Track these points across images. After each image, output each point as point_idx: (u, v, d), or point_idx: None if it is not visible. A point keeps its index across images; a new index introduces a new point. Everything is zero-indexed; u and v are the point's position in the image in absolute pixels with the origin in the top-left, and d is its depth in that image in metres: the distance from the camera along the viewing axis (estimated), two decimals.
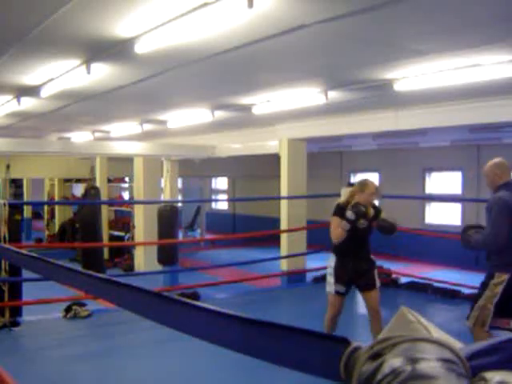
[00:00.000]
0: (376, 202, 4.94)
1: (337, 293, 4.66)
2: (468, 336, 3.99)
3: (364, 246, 4.74)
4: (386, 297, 4.76)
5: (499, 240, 3.93)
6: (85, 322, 6.34)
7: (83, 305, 6.59)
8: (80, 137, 11.31)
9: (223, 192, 16.81)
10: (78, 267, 3.55)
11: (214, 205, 17.16)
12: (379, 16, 3.46)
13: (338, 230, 4.56)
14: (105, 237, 10.77)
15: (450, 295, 7.47)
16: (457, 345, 0.84)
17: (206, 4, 3.16)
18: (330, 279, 4.70)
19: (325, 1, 3.21)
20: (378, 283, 4.68)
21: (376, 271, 4.74)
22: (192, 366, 4.89)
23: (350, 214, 4.49)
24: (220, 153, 10.76)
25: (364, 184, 4.68)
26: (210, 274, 9.50)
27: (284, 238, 8.87)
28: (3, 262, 5.84)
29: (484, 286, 4.06)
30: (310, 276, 8.80)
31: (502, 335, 0.94)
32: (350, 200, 4.65)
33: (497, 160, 4.17)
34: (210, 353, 3.07)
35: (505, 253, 3.94)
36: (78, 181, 13.97)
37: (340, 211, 4.62)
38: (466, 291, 7.33)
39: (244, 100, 6.92)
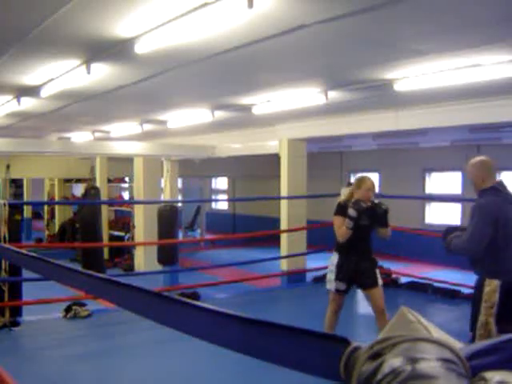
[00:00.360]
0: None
1: (337, 291, 4.69)
2: (468, 336, 3.99)
3: (366, 244, 4.77)
4: (386, 297, 4.77)
5: (476, 248, 3.69)
6: (85, 322, 6.34)
7: (83, 305, 6.59)
8: (80, 137, 11.31)
9: (223, 192, 16.81)
10: (78, 267, 3.55)
11: (213, 205, 17.16)
12: (379, 16, 3.46)
13: (342, 228, 4.60)
14: (105, 237, 10.76)
15: (450, 295, 7.47)
16: (457, 345, 0.84)
17: (205, 4, 3.16)
18: (331, 276, 4.76)
19: (325, 1, 3.21)
20: (380, 281, 4.70)
21: (378, 269, 4.76)
22: (192, 365, 4.89)
23: (351, 211, 4.53)
24: (220, 153, 10.76)
25: (361, 180, 4.75)
26: (210, 273, 9.50)
27: (284, 238, 8.87)
28: (3, 261, 5.84)
29: (477, 297, 3.77)
30: (310, 276, 8.80)
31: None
32: (350, 198, 4.69)
33: (478, 160, 3.88)
34: (210, 353, 3.07)
35: (493, 260, 3.71)
36: (78, 181, 13.96)
37: (342, 210, 4.67)
38: (466, 291, 7.32)
39: (244, 100, 6.92)
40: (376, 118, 7.56)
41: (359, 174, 13.54)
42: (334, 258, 4.79)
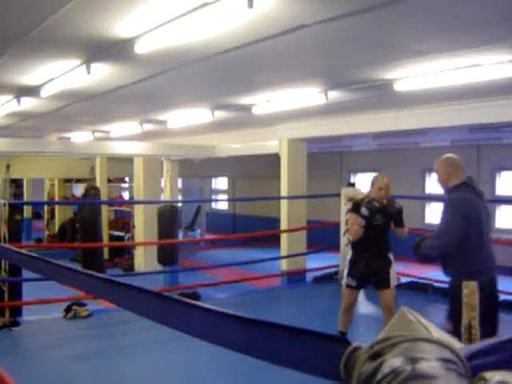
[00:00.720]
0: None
1: (348, 286, 4.75)
2: None
3: (380, 243, 4.79)
4: None
5: (452, 241, 3.58)
6: (85, 322, 6.34)
7: (83, 305, 6.58)
8: (80, 137, 11.31)
9: (223, 192, 16.81)
10: (78, 267, 3.55)
11: (213, 205, 17.15)
12: (379, 16, 3.46)
13: (354, 226, 4.65)
14: (105, 237, 10.76)
15: None
16: (457, 345, 0.84)
17: (205, 4, 3.16)
18: (345, 272, 4.90)
19: (325, 1, 3.21)
20: (393, 282, 4.73)
21: (392, 270, 4.77)
22: (192, 365, 4.89)
23: (363, 210, 4.60)
24: (220, 153, 10.76)
25: (374, 179, 4.81)
26: (210, 273, 9.50)
27: (284, 238, 8.87)
28: (3, 261, 5.84)
29: (455, 300, 3.63)
30: (310, 276, 8.79)
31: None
32: (367, 196, 4.78)
33: (446, 157, 3.80)
34: (210, 353, 3.07)
35: (467, 260, 3.57)
36: (78, 181, 13.96)
37: (357, 208, 4.74)
38: None
39: (244, 100, 6.91)
40: (376, 117, 7.55)
41: (359, 174, 13.49)
42: (348, 254, 4.93)
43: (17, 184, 16.84)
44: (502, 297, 6.94)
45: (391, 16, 3.50)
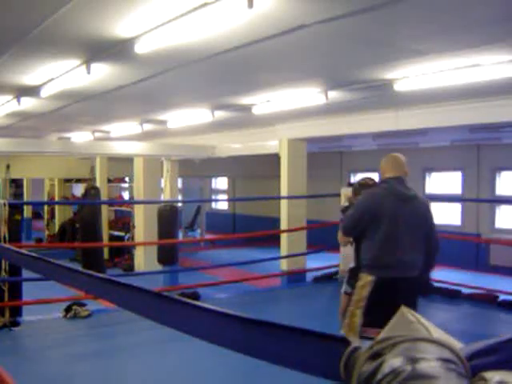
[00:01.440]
0: None
1: (345, 292, 4.81)
2: (468, 336, 3.98)
3: None
4: None
5: (344, 229, 3.81)
6: (85, 322, 6.34)
7: (83, 305, 6.58)
8: (80, 137, 11.31)
9: (223, 192, 16.81)
10: (78, 267, 3.55)
11: (213, 205, 17.15)
12: (379, 16, 3.46)
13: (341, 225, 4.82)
14: (105, 237, 10.75)
15: (449, 295, 7.46)
16: (457, 345, 0.84)
17: (205, 4, 3.16)
18: (344, 279, 4.98)
19: (325, 1, 3.21)
20: None
21: None
22: (192, 366, 4.89)
23: (342, 204, 4.78)
24: (220, 153, 10.76)
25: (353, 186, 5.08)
26: (210, 273, 9.50)
27: (284, 238, 8.87)
28: (3, 262, 5.84)
29: (352, 288, 3.88)
30: (310, 276, 8.80)
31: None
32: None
33: (390, 155, 3.94)
34: (211, 353, 3.07)
35: (369, 254, 3.64)
36: (78, 181, 13.96)
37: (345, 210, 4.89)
38: (466, 291, 7.33)
39: (244, 100, 6.92)
40: (376, 117, 7.56)
41: (359, 174, 13.52)
42: (347, 257, 5.06)
43: (17, 184, 16.83)
44: (502, 297, 6.97)
45: (391, 16, 3.50)
